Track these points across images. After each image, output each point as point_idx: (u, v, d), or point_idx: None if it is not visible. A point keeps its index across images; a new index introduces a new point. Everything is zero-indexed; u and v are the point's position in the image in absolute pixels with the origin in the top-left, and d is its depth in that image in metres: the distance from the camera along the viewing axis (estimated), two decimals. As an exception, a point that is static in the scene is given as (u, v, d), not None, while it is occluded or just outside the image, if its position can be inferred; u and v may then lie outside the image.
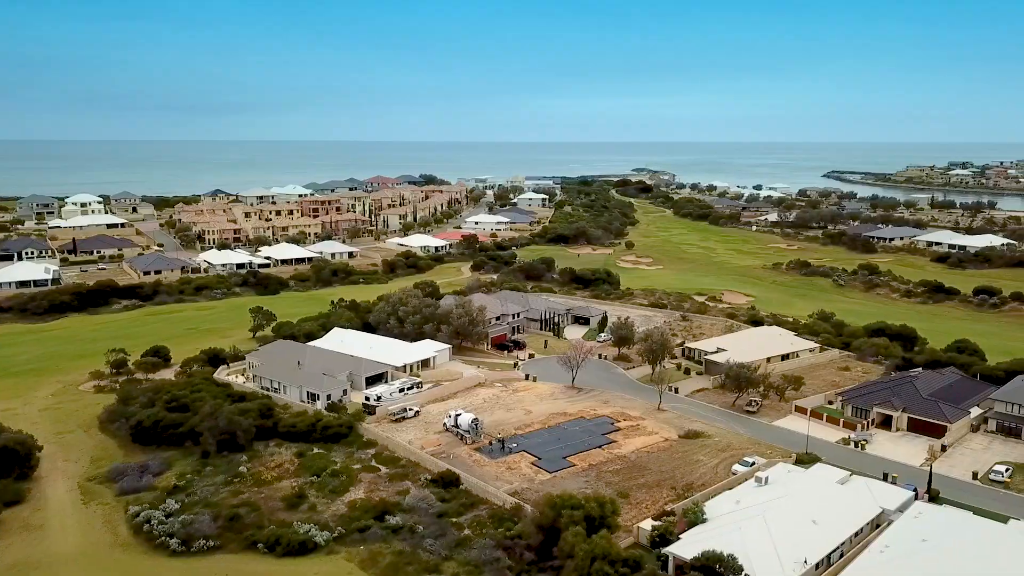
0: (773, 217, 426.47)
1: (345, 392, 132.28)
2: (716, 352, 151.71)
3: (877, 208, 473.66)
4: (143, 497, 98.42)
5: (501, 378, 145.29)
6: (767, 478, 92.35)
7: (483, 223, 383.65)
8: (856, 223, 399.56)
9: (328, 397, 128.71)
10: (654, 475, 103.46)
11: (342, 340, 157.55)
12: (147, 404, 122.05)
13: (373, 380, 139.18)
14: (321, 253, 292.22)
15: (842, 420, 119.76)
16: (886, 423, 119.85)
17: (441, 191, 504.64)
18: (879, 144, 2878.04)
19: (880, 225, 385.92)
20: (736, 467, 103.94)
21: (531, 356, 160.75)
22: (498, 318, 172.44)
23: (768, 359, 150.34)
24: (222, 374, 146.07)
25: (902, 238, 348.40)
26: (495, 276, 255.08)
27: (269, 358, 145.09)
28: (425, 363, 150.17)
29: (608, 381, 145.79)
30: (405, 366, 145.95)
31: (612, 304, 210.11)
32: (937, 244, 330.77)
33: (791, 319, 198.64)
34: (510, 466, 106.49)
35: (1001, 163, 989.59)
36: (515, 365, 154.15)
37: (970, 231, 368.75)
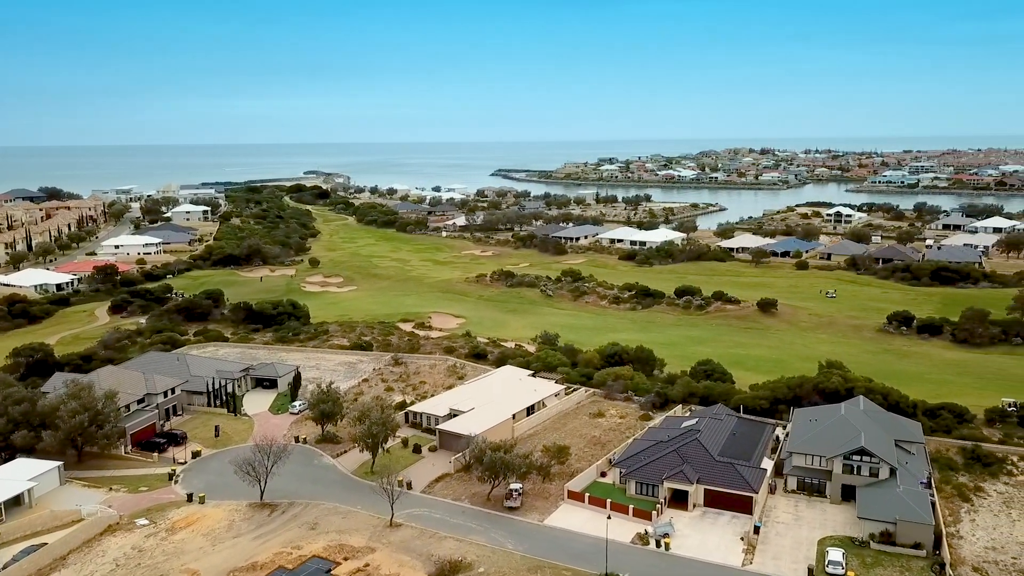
0: (461, 221, 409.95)
1: None
2: (450, 416, 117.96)
3: (552, 206, 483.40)
4: None
5: (148, 507, 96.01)
6: None
7: (126, 246, 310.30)
8: (540, 223, 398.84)
9: None
10: (410, 673, 65.79)
11: None
12: None
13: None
14: None
15: (631, 507, 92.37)
16: (679, 497, 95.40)
17: (69, 207, 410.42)
18: (537, 142, 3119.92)
19: (563, 224, 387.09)
20: (528, 631, 70.45)
21: (196, 455, 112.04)
22: (141, 401, 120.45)
23: (514, 416, 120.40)
24: None
25: (587, 236, 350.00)
26: (143, 320, 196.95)
27: None
28: (16, 501, 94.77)
29: (312, 481, 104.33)
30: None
31: (305, 350, 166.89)
32: (620, 241, 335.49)
33: (511, 343, 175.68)
34: None
35: (639, 157, 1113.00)
36: (171, 476, 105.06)
37: (642, 226, 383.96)
